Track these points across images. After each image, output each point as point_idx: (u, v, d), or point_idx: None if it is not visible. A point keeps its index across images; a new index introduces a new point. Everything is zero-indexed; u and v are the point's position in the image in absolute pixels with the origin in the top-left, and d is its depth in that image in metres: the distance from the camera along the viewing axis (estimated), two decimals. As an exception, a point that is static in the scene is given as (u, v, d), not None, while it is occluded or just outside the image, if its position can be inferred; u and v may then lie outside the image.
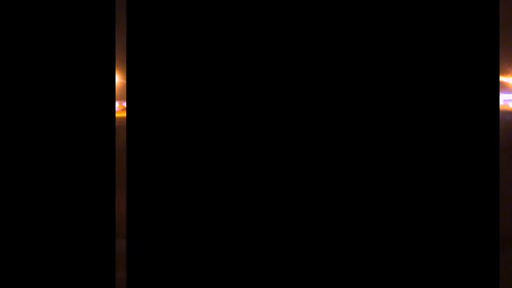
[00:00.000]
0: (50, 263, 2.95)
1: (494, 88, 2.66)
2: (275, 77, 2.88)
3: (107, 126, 2.97)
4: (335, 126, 2.85)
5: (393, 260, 2.81)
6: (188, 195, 2.91)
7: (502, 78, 3.35)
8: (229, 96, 2.90)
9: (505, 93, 3.38)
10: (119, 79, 3.22)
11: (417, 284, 2.79)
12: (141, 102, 2.92)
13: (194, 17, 2.91)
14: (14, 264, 2.95)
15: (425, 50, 2.78)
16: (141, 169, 2.91)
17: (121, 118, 3.15)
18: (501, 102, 3.12)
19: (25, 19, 2.97)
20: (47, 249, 2.95)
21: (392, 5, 2.78)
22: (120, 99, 3.27)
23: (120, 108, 3.32)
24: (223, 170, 2.90)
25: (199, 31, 2.91)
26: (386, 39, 2.80)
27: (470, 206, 2.75)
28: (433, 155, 2.77)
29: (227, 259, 2.90)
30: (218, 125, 2.90)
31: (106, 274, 2.95)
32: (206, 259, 2.91)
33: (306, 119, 2.87)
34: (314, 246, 2.87)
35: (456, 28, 2.76)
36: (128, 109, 2.94)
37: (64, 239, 2.95)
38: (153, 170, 2.91)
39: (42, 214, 2.95)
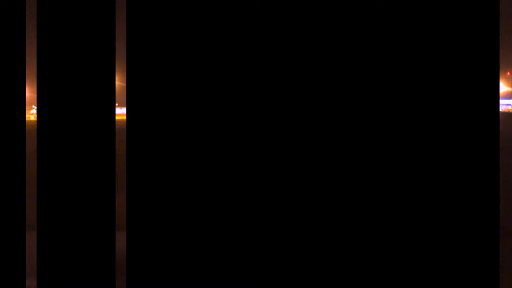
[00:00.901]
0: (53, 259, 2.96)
1: (494, 89, 2.71)
2: (276, 82, 2.90)
3: (107, 127, 2.98)
4: (335, 127, 2.87)
5: (396, 255, 2.83)
6: (187, 196, 2.91)
7: None
8: (228, 99, 2.91)
9: None
10: (118, 82, 3.23)
11: (422, 276, 2.82)
12: (141, 104, 2.93)
13: (194, 21, 2.93)
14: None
15: (424, 51, 2.82)
16: (140, 169, 2.92)
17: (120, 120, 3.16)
18: None
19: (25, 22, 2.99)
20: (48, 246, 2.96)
21: (391, 6, 2.82)
22: (119, 102, 3.29)
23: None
24: (221, 169, 2.90)
25: (199, 35, 2.93)
26: (385, 40, 2.84)
27: (470, 202, 2.79)
28: (432, 152, 2.81)
29: (225, 258, 2.91)
30: (216, 125, 2.91)
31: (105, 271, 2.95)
32: (205, 259, 2.91)
33: (307, 120, 2.89)
34: (313, 246, 2.88)
35: (456, 29, 2.80)
36: (128, 110, 2.96)
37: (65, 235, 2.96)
38: (152, 171, 2.92)
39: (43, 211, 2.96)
